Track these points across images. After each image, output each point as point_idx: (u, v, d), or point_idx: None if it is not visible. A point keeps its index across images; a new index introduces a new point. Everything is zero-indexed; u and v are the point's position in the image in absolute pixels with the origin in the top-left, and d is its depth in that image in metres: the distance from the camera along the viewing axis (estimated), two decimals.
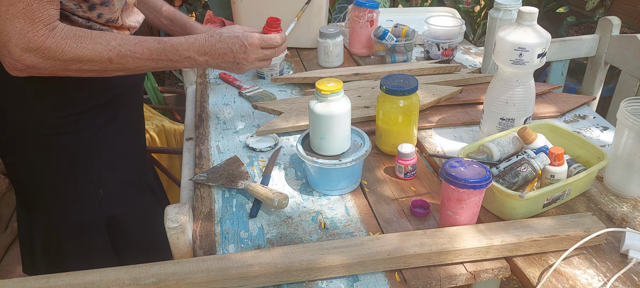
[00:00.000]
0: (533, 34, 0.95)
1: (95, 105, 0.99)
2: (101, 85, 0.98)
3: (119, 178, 1.08)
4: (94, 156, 1.02)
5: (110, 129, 1.03)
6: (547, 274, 0.76)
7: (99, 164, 1.03)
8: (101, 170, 1.04)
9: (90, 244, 1.09)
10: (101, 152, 1.03)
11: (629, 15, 2.60)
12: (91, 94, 0.98)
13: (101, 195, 1.05)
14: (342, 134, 0.94)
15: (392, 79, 1.02)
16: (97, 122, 1.00)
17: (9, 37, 0.78)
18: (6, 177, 2.02)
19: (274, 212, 0.92)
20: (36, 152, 0.99)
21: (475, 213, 0.84)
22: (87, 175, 1.02)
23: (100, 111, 1.00)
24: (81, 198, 1.04)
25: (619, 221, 0.88)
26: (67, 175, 1.01)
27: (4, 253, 1.86)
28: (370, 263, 0.77)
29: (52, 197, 1.04)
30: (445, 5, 2.87)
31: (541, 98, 1.28)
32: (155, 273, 0.74)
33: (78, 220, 1.06)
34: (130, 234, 1.12)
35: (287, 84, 1.43)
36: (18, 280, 0.74)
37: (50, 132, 0.96)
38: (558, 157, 0.88)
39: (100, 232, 1.08)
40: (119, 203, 1.09)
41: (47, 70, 0.83)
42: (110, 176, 1.06)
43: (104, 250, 1.10)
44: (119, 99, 1.04)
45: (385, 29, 1.46)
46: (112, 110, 1.03)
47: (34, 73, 0.83)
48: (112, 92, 1.01)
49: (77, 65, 0.84)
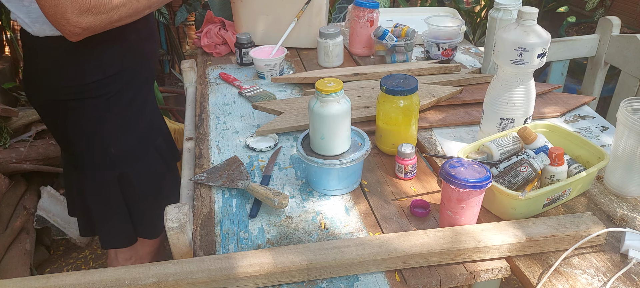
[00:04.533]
0: (533, 34, 0.95)
1: (111, 74, 1.10)
2: (112, 56, 1.10)
3: (131, 140, 1.20)
4: (107, 120, 1.14)
5: (122, 97, 1.15)
6: (547, 274, 0.76)
7: (111, 126, 1.15)
8: (113, 132, 1.16)
9: (106, 197, 1.22)
10: (113, 117, 1.15)
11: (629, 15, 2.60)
12: (104, 64, 1.09)
13: (112, 153, 1.17)
14: (342, 134, 0.93)
15: (392, 79, 1.02)
16: (112, 88, 1.12)
17: (65, 7, 0.90)
18: (6, 177, 2.02)
19: (274, 212, 0.92)
20: (61, 115, 1.12)
21: (475, 213, 0.84)
22: (102, 135, 1.15)
23: (112, 80, 1.11)
24: (96, 156, 1.18)
25: (619, 221, 0.88)
26: (84, 135, 1.15)
27: (4, 253, 1.86)
28: (370, 263, 0.77)
29: (74, 154, 1.19)
30: (445, 5, 2.87)
31: (541, 98, 1.28)
32: (155, 273, 0.74)
33: (94, 176, 1.20)
34: (140, 190, 1.24)
35: (287, 84, 1.43)
36: (18, 280, 0.74)
37: (70, 97, 1.09)
38: (558, 157, 0.88)
39: (113, 187, 1.21)
40: (129, 162, 1.20)
41: (98, 27, 0.97)
42: (121, 138, 1.18)
43: (117, 202, 1.23)
44: (130, 69, 1.15)
45: (385, 29, 1.46)
46: (124, 79, 1.14)
47: (88, 34, 0.97)
48: (123, 63, 1.13)
49: (118, 13, 0.97)
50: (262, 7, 1.58)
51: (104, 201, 1.23)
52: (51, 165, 2.15)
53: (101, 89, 1.10)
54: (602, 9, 2.70)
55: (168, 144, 1.37)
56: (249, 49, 1.52)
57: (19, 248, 1.90)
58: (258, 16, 1.60)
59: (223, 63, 1.61)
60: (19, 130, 2.19)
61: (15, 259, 1.85)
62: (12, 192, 2.03)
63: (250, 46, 1.53)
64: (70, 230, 2.06)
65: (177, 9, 2.78)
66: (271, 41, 1.57)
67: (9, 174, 2.06)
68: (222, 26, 1.69)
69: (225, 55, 1.66)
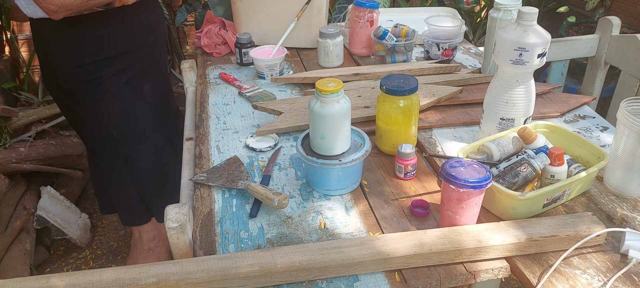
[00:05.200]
0: (533, 34, 0.95)
1: (105, 56, 1.11)
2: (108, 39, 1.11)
3: (131, 123, 1.21)
4: (109, 102, 1.15)
5: (119, 80, 1.16)
6: (547, 274, 0.76)
7: (111, 109, 1.17)
8: (112, 115, 1.17)
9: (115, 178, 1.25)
10: (111, 100, 1.16)
11: (629, 15, 2.60)
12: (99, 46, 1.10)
13: (115, 136, 1.19)
14: (342, 133, 0.93)
15: (392, 79, 1.02)
16: (108, 71, 1.13)
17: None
18: (6, 177, 2.02)
19: (274, 212, 0.92)
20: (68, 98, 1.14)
21: (475, 213, 0.84)
22: (102, 118, 1.17)
23: (108, 63, 1.12)
24: (100, 139, 1.20)
25: (619, 221, 0.88)
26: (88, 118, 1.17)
27: (4, 253, 1.86)
28: (370, 263, 0.77)
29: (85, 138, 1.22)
30: (445, 5, 2.87)
31: (541, 98, 1.28)
32: (155, 273, 0.74)
33: (102, 157, 1.23)
34: (145, 172, 1.26)
35: (287, 84, 1.43)
36: (18, 280, 0.74)
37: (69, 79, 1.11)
38: (558, 157, 0.88)
39: (120, 169, 1.23)
40: (131, 144, 1.22)
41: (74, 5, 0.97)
42: (121, 120, 1.19)
43: (125, 184, 1.26)
44: (129, 54, 1.16)
45: (385, 29, 1.46)
46: (121, 63, 1.15)
47: (65, 11, 0.97)
48: (119, 46, 1.13)
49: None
50: (262, 7, 1.58)
51: (115, 182, 1.25)
52: (51, 165, 2.15)
53: (96, 72, 1.11)
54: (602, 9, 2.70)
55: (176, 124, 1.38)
56: (249, 49, 1.52)
57: (19, 248, 1.90)
58: (258, 16, 1.60)
59: (223, 63, 1.61)
60: (19, 130, 2.19)
61: (15, 259, 1.85)
62: (12, 192, 2.03)
63: (250, 46, 1.53)
64: (70, 230, 2.06)
65: (177, 9, 2.77)
66: (271, 41, 1.57)
67: (9, 174, 2.06)
68: (222, 26, 1.69)
69: (225, 55, 1.66)
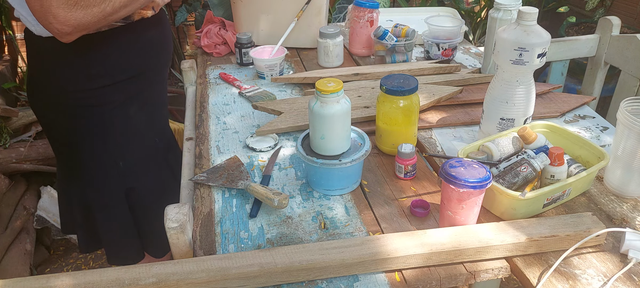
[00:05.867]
0: (533, 34, 0.95)
1: (116, 81, 1.04)
2: (122, 63, 1.04)
3: (138, 152, 1.14)
4: (114, 130, 1.08)
5: (130, 105, 1.09)
6: (547, 274, 0.76)
7: (118, 138, 1.09)
8: (120, 144, 1.10)
9: (113, 212, 1.16)
10: (120, 127, 1.09)
11: (629, 15, 2.59)
12: (113, 70, 1.03)
13: (121, 167, 1.11)
14: (342, 134, 0.93)
15: (392, 79, 1.02)
16: (118, 97, 1.06)
17: (50, 2, 0.80)
18: (6, 177, 2.02)
19: (274, 212, 0.92)
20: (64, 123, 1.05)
21: (476, 213, 0.84)
22: (107, 147, 1.08)
23: (121, 88, 1.06)
24: (104, 169, 1.11)
25: (619, 221, 0.88)
26: (91, 145, 1.08)
27: (4, 253, 1.86)
28: (370, 263, 0.77)
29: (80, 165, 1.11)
30: (445, 5, 2.87)
31: (541, 98, 1.28)
32: (155, 273, 0.74)
33: (102, 189, 1.13)
34: (148, 205, 1.19)
35: (287, 84, 1.43)
36: (18, 280, 0.74)
37: (75, 103, 1.02)
38: (558, 157, 0.88)
39: (121, 202, 1.15)
40: (138, 176, 1.15)
41: (91, 23, 0.87)
42: (129, 150, 1.12)
43: (125, 218, 1.17)
44: (140, 78, 1.09)
45: (385, 29, 1.46)
46: (133, 87, 1.08)
47: (80, 32, 0.87)
48: (132, 71, 1.07)
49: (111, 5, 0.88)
50: (262, 7, 1.58)
51: (111, 216, 1.16)
52: (51, 165, 2.15)
53: (108, 96, 1.04)
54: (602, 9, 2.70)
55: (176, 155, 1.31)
56: (249, 49, 1.52)
57: (19, 248, 1.90)
58: (258, 16, 1.60)
59: (223, 63, 1.61)
60: (19, 130, 2.19)
61: (15, 259, 1.85)
62: (12, 192, 2.03)
63: (250, 46, 1.53)
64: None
65: (177, 9, 2.78)
66: (271, 41, 1.57)
67: (9, 174, 2.06)
68: (222, 26, 1.69)
69: (225, 55, 1.66)
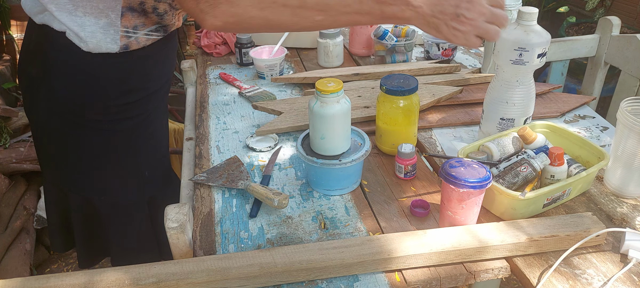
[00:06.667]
0: (533, 34, 0.95)
1: (149, 92, 1.05)
2: (155, 74, 1.04)
3: (159, 161, 1.16)
4: (142, 141, 1.08)
5: (155, 116, 1.10)
6: (547, 274, 0.76)
7: (146, 148, 1.10)
8: (148, 153, 1.11)
9: (132, 222, 1.15)
10: (147, 137, 1.09)
11: (629, 15, 2.60)
12: (148, 80, 1.03)
13: (146, 176, 1.11)
14: (342, 134, 0.93)
15: (392, 79, 1.02)
16: (148, 107, 1.06)
17: None
18: (6, 177, 2.02)
19: (274, 212, 0.92)
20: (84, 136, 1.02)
21: (476, 213, 0.84)
22: (137, 158, 1.09)
23: (152, 97, 1.06)
24: (129, 180, 1.10)
25: (619, 221, 0.88)
26: (115, 157, 1.06)
27: (4, 253, 1.86)
28: (370, 263, 0.77)
29: (96, 177, 1.08)
30: None
31: (541, 98, 1.28)
32: (155, 274, 0.74)
33: (124, 200, 1.12)
34: None
35: (287, 84, 1.43)
36: (18, 280, 0.74)
37: (107, 118, 1.00)
38: (558, 157, 0.88)
39: (143, 211, 1.14)
40: (158, 185, 1.16)
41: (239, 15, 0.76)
42: (153, 159, 1.13)
43: (145, 227, 1.16)
44: (165, 86, 1.11)
45: (385, 29, 1.46)
46: (158, 97, 1.10)
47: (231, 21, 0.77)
48: (160, 80, 1.08)
49: None
50: None
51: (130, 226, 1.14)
52: None
53: (141, 107, 1.04)
54: (602, 9, 2.70)
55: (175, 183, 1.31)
56: (249, 49, 1.52)
57: (19, 248, 1.90)
58: None
59: (223, 63, 1.61)
60: (19, 130, 2.19)
61: (15, 259, 1.85)
62: (12, 192, 2.03)
63: (250, 46, 1.53)
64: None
65: None
66: (271, 41, 1.57)
67: (9, 174, 2.06)
68: None
69: (225, 55, 1.66)
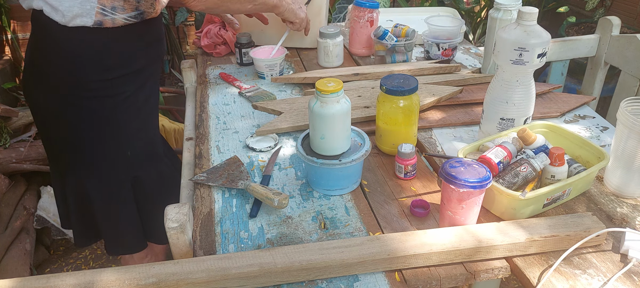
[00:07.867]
0: (533, 34, 0.95)
1: (128, 72, 1.07)
2: (134, 55, 1.08)
3: (143, 142, 1.18)
4: (124, 120, 1.11)
5: (139, 96, 1.12)
6: (547, 274, 0.76)
7: (128, 128, 1.12)
8: (130, 134, 1.13)
9: (116, 202, 1.18)
10: (130, 117, 1.12)
11: (629, 15, 2.60)
12: (127, 60, 1.06)
13: (129, 156, 1.14)
14: (342, 134, 0.93)
15: (392, 79, 1.02)
16: (129, 88, 1.09)
17: None
18: (6, 178, 2.02)
19: (274, 212, 0.92)
20: (72, 113, 1.06)
21: (476, 213, 0.84)
22: (119, 137, 1.12)
23: (132, 78, 1.09)
24: (111, 159, 1.14)
25: (619, 221, 0.88)
26: (99, 136, 1.10)
27: (4, 253, 1.86)
28: (370, 263, 0.77)
29: (82, 156, 1.12)
30: (445, 5, 2.87)
31: (541, 98, 1.28)
32: (155, 273, 0.74)
33: (108, 179, 1.15)
34: (151, 194, 1.21)
35: (287, 84, 1.43)
36: (18, 280, 0.74)
37: (88, 94, 1.04)
38: (558, 157, 0.88)
39: (127, 191, 1.18)
40: (143, 165, 1.18)
41: None
42: (136, 140, 1.15)
43: (129, 207, 1.20)
44: (147, 69, 1.13)
45: (385, 29, 1.46)
46: (141, 78, 1.12)
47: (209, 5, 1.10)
48: (140, 62, 1.10)
49: None
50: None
51: (115, 206, 1.18)
52: None
53: (121, 87, 1.07)
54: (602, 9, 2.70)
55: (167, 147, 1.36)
56: (249, 49, 1.52)
57: (19, 248, 1.90)
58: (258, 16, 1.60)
59: (223, 63, 1.61)
60: (19, 130, 2.19)
61: (15, 259, 1.85)
62: (12, 192, 2.03)
63: (250, 46, 1.53)
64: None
65: (177, 9, 2.77)
66: (271, 41, 1.57)
67: (9, 174, 2.06)
68: (222, 26, 1.69)
69: (225, 55, 1.66)
